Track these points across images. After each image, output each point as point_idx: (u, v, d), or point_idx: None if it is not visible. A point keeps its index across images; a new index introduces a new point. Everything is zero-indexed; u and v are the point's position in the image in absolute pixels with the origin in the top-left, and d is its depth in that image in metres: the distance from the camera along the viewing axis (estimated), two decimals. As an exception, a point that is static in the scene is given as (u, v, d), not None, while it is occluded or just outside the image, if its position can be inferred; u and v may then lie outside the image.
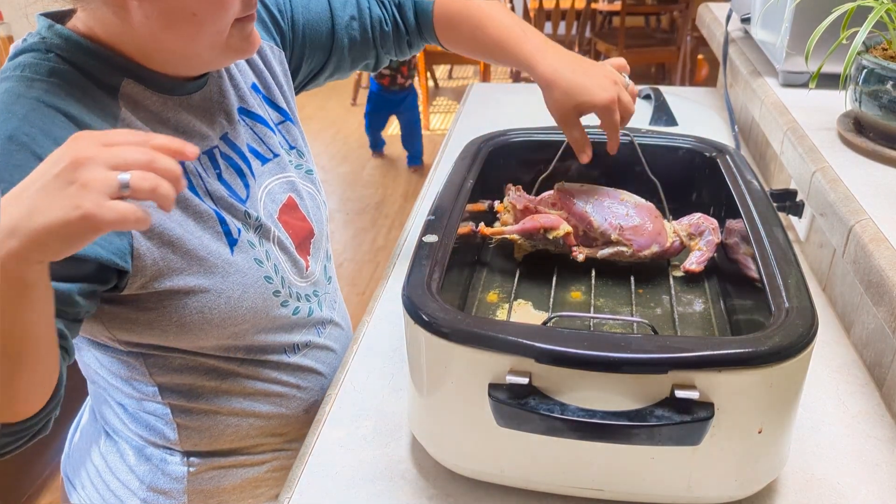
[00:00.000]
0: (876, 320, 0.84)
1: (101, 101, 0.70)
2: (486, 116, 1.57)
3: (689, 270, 0.86)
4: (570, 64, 0.85)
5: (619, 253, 0.86)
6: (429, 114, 4.82)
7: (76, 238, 0.51)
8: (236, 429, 0.87)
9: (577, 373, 0.58)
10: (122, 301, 0.73)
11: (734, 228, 0.82)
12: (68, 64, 0.69)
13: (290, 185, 0.88)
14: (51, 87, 0.66)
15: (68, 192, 0.49)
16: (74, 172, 0.50)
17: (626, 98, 0.84)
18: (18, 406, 0.60)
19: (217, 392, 0.84)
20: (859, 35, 0.90)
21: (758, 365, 0.57)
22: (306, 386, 0.91)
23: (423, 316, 0.63)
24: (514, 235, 0.87)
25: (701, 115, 1.33)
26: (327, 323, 0.94)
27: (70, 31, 0.70)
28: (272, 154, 0.87)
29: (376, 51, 0.98)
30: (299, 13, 0.93)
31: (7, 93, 0.65)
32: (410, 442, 0.77)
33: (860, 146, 0.98)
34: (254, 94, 0.87)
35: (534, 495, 0.70)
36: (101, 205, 0.49)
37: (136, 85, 0.72)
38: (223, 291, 0.76)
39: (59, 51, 0.69)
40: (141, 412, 0.85)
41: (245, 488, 0.90)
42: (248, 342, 0.83)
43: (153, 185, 0.51)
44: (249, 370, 0.85)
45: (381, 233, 3.49)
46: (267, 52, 0.90)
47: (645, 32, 5.08)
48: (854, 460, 0.73)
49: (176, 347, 0.79)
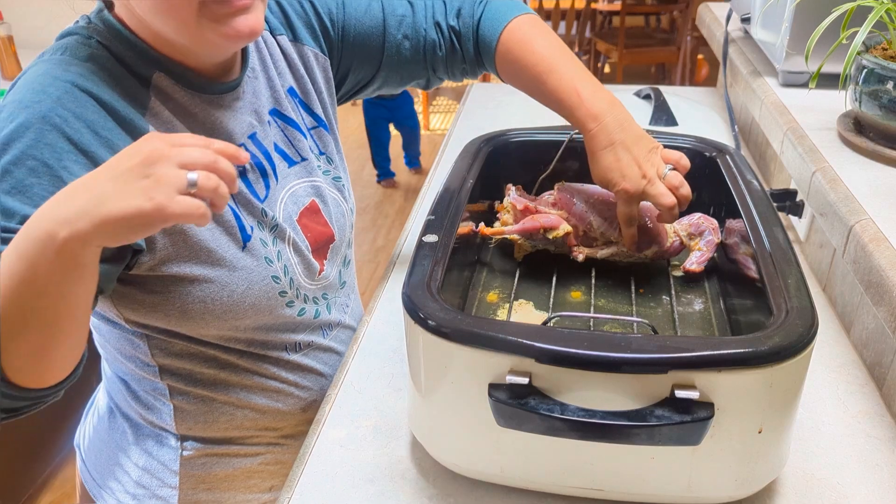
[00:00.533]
0: (876, 320, 0.84)
1: (133, 90, 0.72)
2: (486, 116, 1.57)
3: (689, 271, 0.86)
4: (615, 141, 0.81)
5: (619, 253, 0.87)
6: (429, 114, 4.82)
7: (144, 227, 0.55)
8: (230, 417, 0.88)
9: (577, 373, 0.58)
10: (130, 281, 0.75)
11: (734, 228, 0.82)
12: (107, 51, 0.72)
13: (316, 189, 0.89)
14: (86, 72, 0.69)
15: (143, 185, 0.54)
16: (149, 168, 0.54)
17: (656, 191, 0.79)
18: (49, 374, 0.63)
19: (215, 380, 0.85)
20: (859, 35, 0.90)
21: (758, 365, 0.57)
22: (305, 385, 0.91)
23: (423, 316, 0.63)
24: (514, 235, 0.87)
25: (701, 115, 1.34)
26: (335, 325, 0.94)
27: (113, 19, 0.73)
28: (300, 157, 0.88)
29: (427, 73, 0.97)
30: (352, 25, 0.92)
31: (45, 75, 0.68)
32: (410, 442, 0.77)
33: (860, 146, 0.98)
34: (289, 98, 0.88)
35: (534, 495, 0.70)
36: (171, 198, 0.54)
37: (166, 78, 0.75)
38: (227, 285, 0.77)
39: (100, 37, 0.72)
40: (140, 390, 0.87)
41: (237, 478, 0.91)
42: (248, 336, 0.84)
43: (216, 185, 0.56)
44: (248, 363, 0.86)
45: (381, 233, 3.49)
46: (310, 58, 0.90)
47: (645, 32, 5.08)
48: (854, 460, 0.73)
49: (178, 332, 0.80)
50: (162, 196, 0.53)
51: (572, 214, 0.88)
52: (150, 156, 0.54)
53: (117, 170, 0.55)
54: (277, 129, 0.86)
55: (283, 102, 0.87)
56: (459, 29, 0.93)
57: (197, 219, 0.55)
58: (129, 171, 0.54)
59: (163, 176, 0.54)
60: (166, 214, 0.54)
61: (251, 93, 0.83)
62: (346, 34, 0.92)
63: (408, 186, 3.96)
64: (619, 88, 1.53)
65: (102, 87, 0.69)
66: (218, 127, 0.79)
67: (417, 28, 0.93)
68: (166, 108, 0.75)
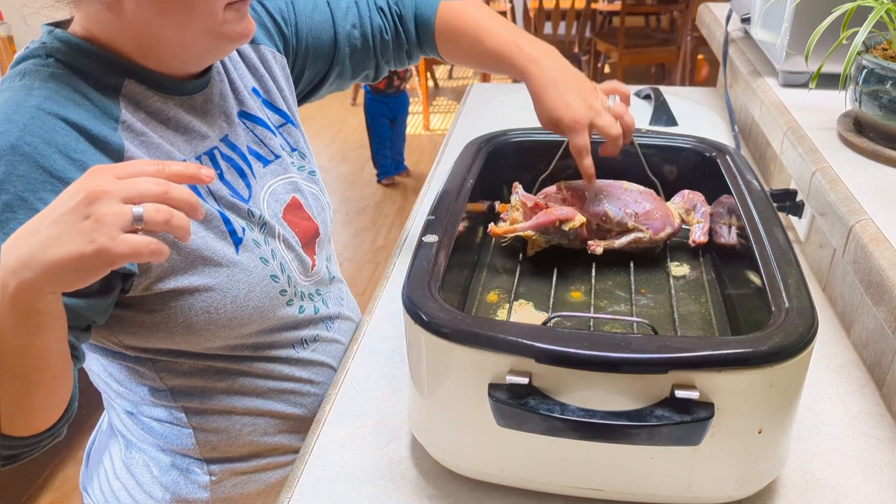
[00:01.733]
0: (876, 320, 0.84)
1: (101, 103, 0.69)
2: (486, 116, 1.57)
3: (698, 242, 0.89)
4: (557, 79, 0.87)
5: (637, 240, 0.87)
6: (429, 114, 4.82)
7: (90, 271, 0.52)
8: (253, 428, 0.86)
9: (577, 373, 0.58)
10: (128, 304, 0.73)
11: (722, 204, 0.85)
12: (68, 68, 0.69)
13: (294, 185, 0.88)
14: (50, 94, 0.66)
15: (83, 227, 0.51)
16: (90, 207, 0.51)
17: (604, 122, 0.84)
18: (36, 421, 0.61)
19: (229, 392, 0.84)
20: (859, 35, 0.90)
21: (758, 365, 0.57)
22: (318, 380, 0.91)
23: (423, 316, 0.63)
24: (529, 232, 0.87)
25: (701, 115, 1.34)
26: (335, 318, 0.94)
27: (69, 35, 0.70)
28: (273, 156, 0.87)
29: (376, 60, 1.00)
30: (304, 21, 0.94)
31: (7, 103, 0.65)
32: (410, 442, 0.77)
33: (860, 146, 0.98)
34: (254, 98, 0.87)
35: (534, 495, 0.70)
36: (114, 238, 0.51)
37: (137, 85, 0.72)
38: (229, 290, 0.76)
39: (59, 55, 0.69)
40: (154, 420, 0.84)
41: (269, 494, 0.89)
42: (254, 341, 0.83)
43: (166, 217, 0.52)
44: (259, 368, 0.85)
45: (381, 233, 3.49)
46: (268, 57, 0.90)
47: (645, 32, 5.08)
48: (854, 460, 0.73)
49: (184, 350, 0.78)
50: (103, 237, 0.50)
51: (585, 209, 0.88)
52: (90, 193, 0.51)
53: (58, 212, 0.52)
54: (247, 130, 0.85)
55: (248, 103, 0.86)
56: (400, 11, 0.98)
57: (148, 256, 0.52)
58: (69, 213, 0.51)
59: (103, 215, 0.50)
60: (111, 257, 0.51)
61: (218, 95, 0.81)
62: (298, 31, 0.94)
63: (408, 186, 3.96)
64: (619, 88, 1.53)
65: (69, 106, 0.66)
66: (193, 130, 0.77)
67: (363, 16, 0.97)
68: (137, 118, 0.72)
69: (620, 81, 0.90)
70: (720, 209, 0.87)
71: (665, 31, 5.27)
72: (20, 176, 0.61)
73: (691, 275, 0.88)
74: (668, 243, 0.92)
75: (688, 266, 0.90)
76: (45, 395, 0.60)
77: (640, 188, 0.90)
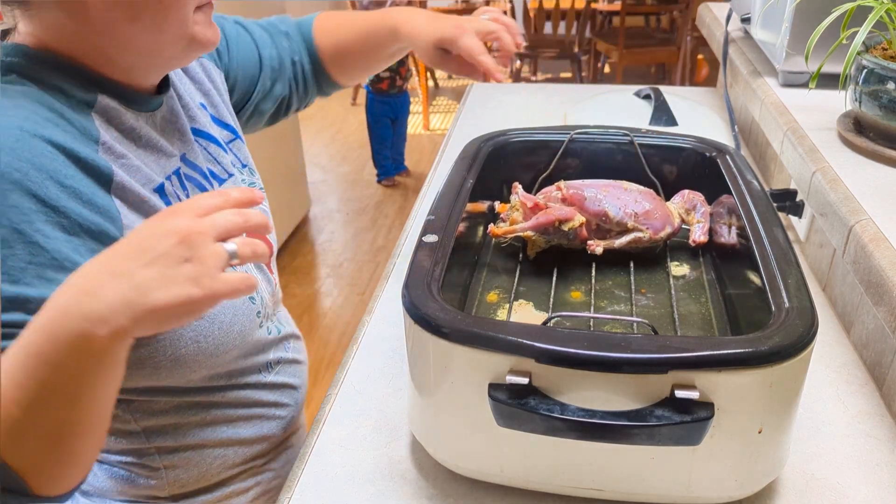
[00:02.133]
0: (876, 320, 0.84)
1: (78, 123, 0.64)
2: (486, 116, 1.57)
3: (699, 242, 0.89)
4: (426, 13, 0.96)
5: (636, 240, 0.87)
6: (429, 114, 4.82)
7: (192, 314, 0.52)
8: (223, 460, 0.85)
9: (577, 373, 0.58)
10: None
11: (722, 204, 0.85)
12: (35, 83, 0.63)
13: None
14: (27, 114, 0.60)
15: (185, 271, 0.50)
16: (189, 249, 0.50)
17: (481, 23, 0.93)
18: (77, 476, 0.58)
19: (202, 424, 0.81)
20: (859, 35, 0.90)
21: (758, 365, 0.57)
22: (284, 402, 0.90)
23: (423, 316, 0.63)
24: (528, 232, 0.87)
25: (701, 115, 1.34)
26: (290, 337, 0.94)
27: (24, 46, 0.64)
28: (227, 174, 0.85)
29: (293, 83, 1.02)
30: (231, 38, 0.94)
31: None
32: (410, 442, 0.77)
33: (860, 146, 0.98)
34: (203, 113, 0.84)
35: (533, 495, 0.70)
36: (217, 279, 0.51)
37: (111, 100, 0.68)
38: (216, 317, 0.74)
39: (23, 72, 0.63)
40: (118, 466, 0.81)
41: None
42: (230, 368, 0.81)
43: (254, 249, 0.54)
44: (230, 397, 0.83)
45: (381, 233, 3.49)
46: (211, 69, 0.89)
47: (645, 32, 5.08)
48: (854, 460, 0.73)
49: (163, 387, 0.76)
50: (209, 279, 0.50)
51: (585, 209, 0.88)
52: (186, 236, 0.50)
53: (152, 254, 0.50)
54: (201, 149, 0.82)
55: (199, 119, 0.83)
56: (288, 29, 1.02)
57: (245, 292, 0.52)
58: (167, 256, 0.50)
59: (204, 256, 0.50)
60: (217, 298, 0.51)
61: (172, 112, 0.78)
62: (230, 48, 0.94)
63: (408, 186, 3.96)
64: (619, 88, 1.53)
65: (50, 127, 0.60)
66: (160, 150, 0.74)
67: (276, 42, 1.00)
68: (111, 136, 0.67)
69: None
70: (720, 209, 0.87)
71: (665, 31, 5.27)
72: (13, 206, 0.56)
73: (691, 275, 0.88)
74: (667, 243, 0.92)
75: (688, 266, 0.90)
76: (94, 446, 0.58)
77: (639, 188, 0.90)
